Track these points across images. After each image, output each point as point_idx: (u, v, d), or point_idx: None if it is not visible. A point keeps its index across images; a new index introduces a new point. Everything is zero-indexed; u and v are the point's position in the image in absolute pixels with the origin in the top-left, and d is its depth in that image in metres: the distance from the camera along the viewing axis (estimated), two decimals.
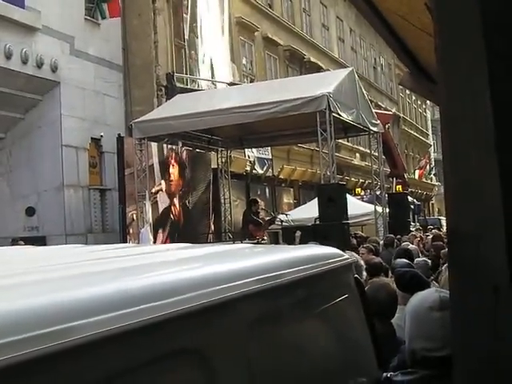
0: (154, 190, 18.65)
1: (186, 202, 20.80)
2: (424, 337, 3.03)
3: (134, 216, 17.57)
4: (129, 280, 1.81)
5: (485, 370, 1.87)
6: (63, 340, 1.33)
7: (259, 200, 19.97)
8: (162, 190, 19.31)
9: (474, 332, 1.87)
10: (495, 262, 1.76)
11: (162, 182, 19.36)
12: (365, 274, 7.33)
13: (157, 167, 19.04)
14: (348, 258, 3.36)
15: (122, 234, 17.77)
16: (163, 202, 19.35)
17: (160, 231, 18.86)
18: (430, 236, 16.34)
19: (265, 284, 2.21)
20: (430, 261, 8.86)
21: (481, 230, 1.79)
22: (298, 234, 14.47)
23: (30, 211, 17.98)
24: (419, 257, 10.55)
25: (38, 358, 1.27)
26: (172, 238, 18.74)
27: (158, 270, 2.05)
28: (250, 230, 18.10)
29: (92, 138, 18.89)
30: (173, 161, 19.99)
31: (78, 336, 1.37)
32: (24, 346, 1.25)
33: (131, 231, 17.85)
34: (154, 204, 18.62)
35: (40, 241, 15.97)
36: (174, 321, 1.68)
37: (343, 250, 3.57)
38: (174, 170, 19.99)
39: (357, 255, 8.03)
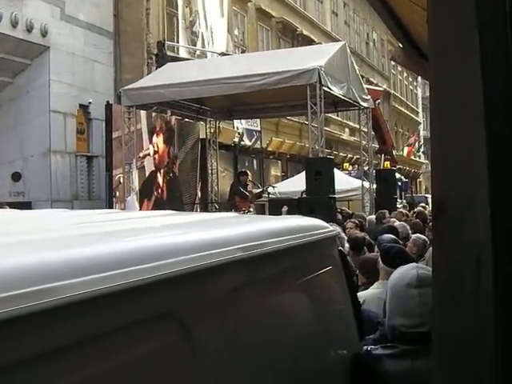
0: (141, 154, 18.62)
1: (174, 171, 20.78)
2: (402, 314, 3.06)
3: (121, 179, 17.52)
4: (111, 243, 1.79)
5: (464, 346, 1.87)
6: (38, 301, 1.31)
7: (248, 172, 19.95)
8: (149, 154, 19.26)
9: (455, 307, 1.87)
10: (479, 236, 1.76)
11: (150, 146, 19.30)
12: (347, 245, 7.39)
13: (145, 133, 18.97)
14: (332, 230, 3.36)
15: (109, 201, 17.77)
16: (150, 167, 19.31)
17: (146, 200, 18.84)
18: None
19: (247, 252, 2.19)
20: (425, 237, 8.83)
21: (466, 204, 1.79)
22: (285, 209, 14.48)
23: (16, 176, 17.91)
24: (409, 233, 10.55)
25: (14, 318, 1.25)
26: (158, 207, 18.69)
27: (140, 234, 2.03)
28: (236, 202, 18.12)
29: (80, 105, 18.79)
30: (161, 132, 19.94)
31: (55, 298, 1.35)
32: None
33: (117, 194, 17.84)
34: (141, 168, 18.59)
35: (26, 206, 15.94)
36: (155, 285, 1.67)
37: (328, 223, 3.57)
38: (160, 143, 19.93)
39: (338, 227, 8.07)
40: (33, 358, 1.32)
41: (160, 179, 19.91)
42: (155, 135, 19.60)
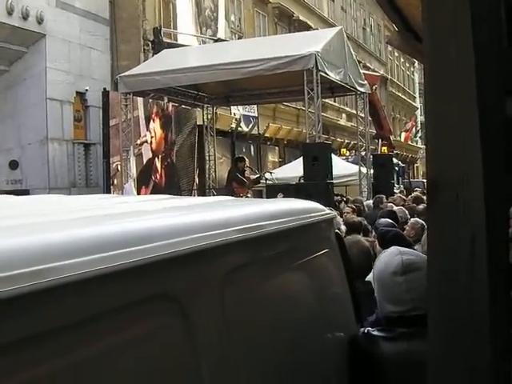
0: (139, 141, 18.62)
1: (171, 158, 20.78)
2: (392, 301, 3.08)
3: (119, 167, 17.53)
4: (108, 225, 1.79)
5: (460, 325, 1.88)
6: (36, 281, 1.31)
7: (246, 158, 19.93)
8: (146, 141, 19.25)
9: (451, 285, 1.88)
10: (473, 214, 1.77)
11: (148, 133, 19.29)
12: (343, 228, 7.41)
13: (142, 120, 18.97)
14: (329, 213, 3.36)
15: (106, 188, 17.77)
16: (148, 154, 19.31)
17: (144, 186, 18.84)
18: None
19: (244, 234, 2.20)
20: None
21: (460, 181, 1.80)
22: (281, 196, 14.48)
23: (14, 164, 17.91)
24: (408, 218, 10.54)
25: (10, 297, 1.26)
26: (156, 193, 18.64)
27: (137, 216, 2.04)
28: (234, 188, 18.12)
29: (77, 92, 18.78)
30: (157, 118, 19.92)
31: (53, 277, 1.35)
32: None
33: (115, 182, 17.84)
34: (139, 155, 18.59)
35: (23, 194, 15.89)
36: (152, 266, 1.67)
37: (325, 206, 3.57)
38: (158, 128, 19.92)
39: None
40: (28, 337, 1.32)
41: (158, 165, 19.91)
42: (152, 121, 19.59)
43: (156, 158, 19.84)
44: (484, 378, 1.85)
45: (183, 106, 21.61)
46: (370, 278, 5.10)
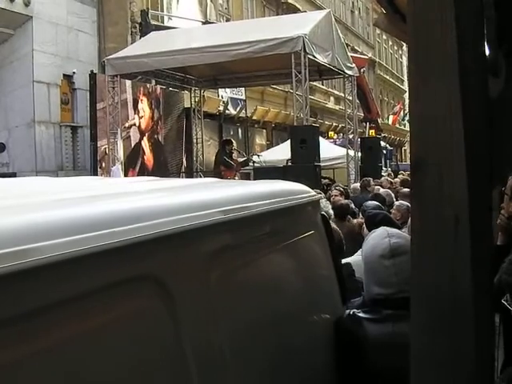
0: (127, 125, 18.55)
1: (159, 139, 20.74)
2: (378, 284, 3.09)
3: (106, 150, 17.46)
4: (93, 206, 1.79)
5: (443, 308, 1.89)
6: (19, 261, 1.31)
7: (233, 141, 19.90)
8: (135, 124, 19.19)
9: (434, 268, 1.89)
10: (457, 195, 1.78)
11: (136, 116, 19.22)
12: (332, 212, 7.40)
13: (130, 103, 18.90)
14: (315, 195, 3.36)
15: (94, 171, 17.72)
16: (136, 137, 19.25)
17: (131, 169, 18.80)
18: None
19: (229, 215, 2.20)
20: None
21: (443, 161, 1.80)
22: None
23: (1, 147, 17.82)
24: (393, 201, 10.54)
25: None
26: (143, 175, 18.59)
27: (122, 197, 2.03)
28: (221, 171, 18.11)
29: (64, 75, 18.67)
30: (145, 97, 19.86)
31: (36, 258, 1.35)
32: None
33: (103, 165, 17.79)
34: (127, 138, 18.52)
35: (10, 177, 15.84)
36: (136, 247, 1.67)
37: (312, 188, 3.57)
38: (146, 107, 19.85)
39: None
40: (13, 317, 1.32)
41: (146, 147, 19.84)
42: (140, 101, 19.54)
43: (144, 140, 19.77)
44: (468, 361, 1.86)
45: (171, 89, 21.55)
46: (350, 259, 5.13)
